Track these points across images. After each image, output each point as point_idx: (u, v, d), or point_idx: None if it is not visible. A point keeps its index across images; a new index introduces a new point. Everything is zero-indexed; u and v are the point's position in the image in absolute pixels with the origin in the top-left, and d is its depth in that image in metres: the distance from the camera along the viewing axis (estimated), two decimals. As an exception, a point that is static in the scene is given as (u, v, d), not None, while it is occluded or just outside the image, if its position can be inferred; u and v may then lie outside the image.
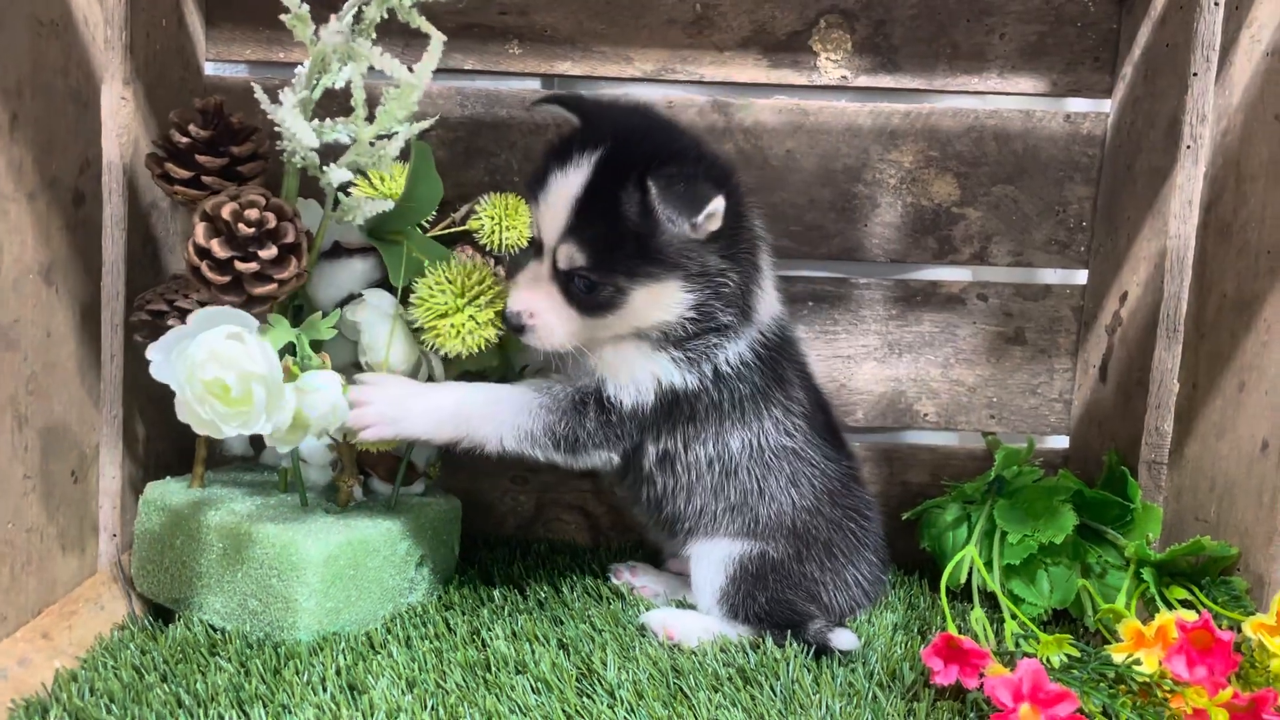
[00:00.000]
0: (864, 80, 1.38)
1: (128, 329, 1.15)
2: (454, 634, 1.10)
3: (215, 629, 1.07)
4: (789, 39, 1.37)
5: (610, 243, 1.03)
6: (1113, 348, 1.34)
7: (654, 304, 1.05)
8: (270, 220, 1.02)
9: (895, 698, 1.00)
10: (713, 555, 1.15)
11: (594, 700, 0.97)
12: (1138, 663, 0.94)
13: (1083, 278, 1.42)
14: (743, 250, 1.09)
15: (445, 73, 1.38)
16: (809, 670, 1.04)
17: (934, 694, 1.00)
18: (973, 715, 0.97)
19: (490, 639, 1.08)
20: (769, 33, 1.36)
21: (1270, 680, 0.95)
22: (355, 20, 0.99)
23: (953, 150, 1.39)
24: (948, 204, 1.40)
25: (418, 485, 1.26)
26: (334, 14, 0.98)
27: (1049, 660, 0.99)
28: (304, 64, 1.01)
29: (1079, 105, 1.41)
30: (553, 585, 1.25)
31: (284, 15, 0.97)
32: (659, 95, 1.38)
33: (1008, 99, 1.40)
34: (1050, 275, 1.46)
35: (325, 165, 1.03)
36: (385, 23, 1.01)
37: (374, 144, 1.02)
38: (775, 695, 0.99)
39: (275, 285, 1.03)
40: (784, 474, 1.14)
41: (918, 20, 1.36)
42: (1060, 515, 1.21)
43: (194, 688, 0.94)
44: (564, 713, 0.94)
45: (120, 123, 1.14)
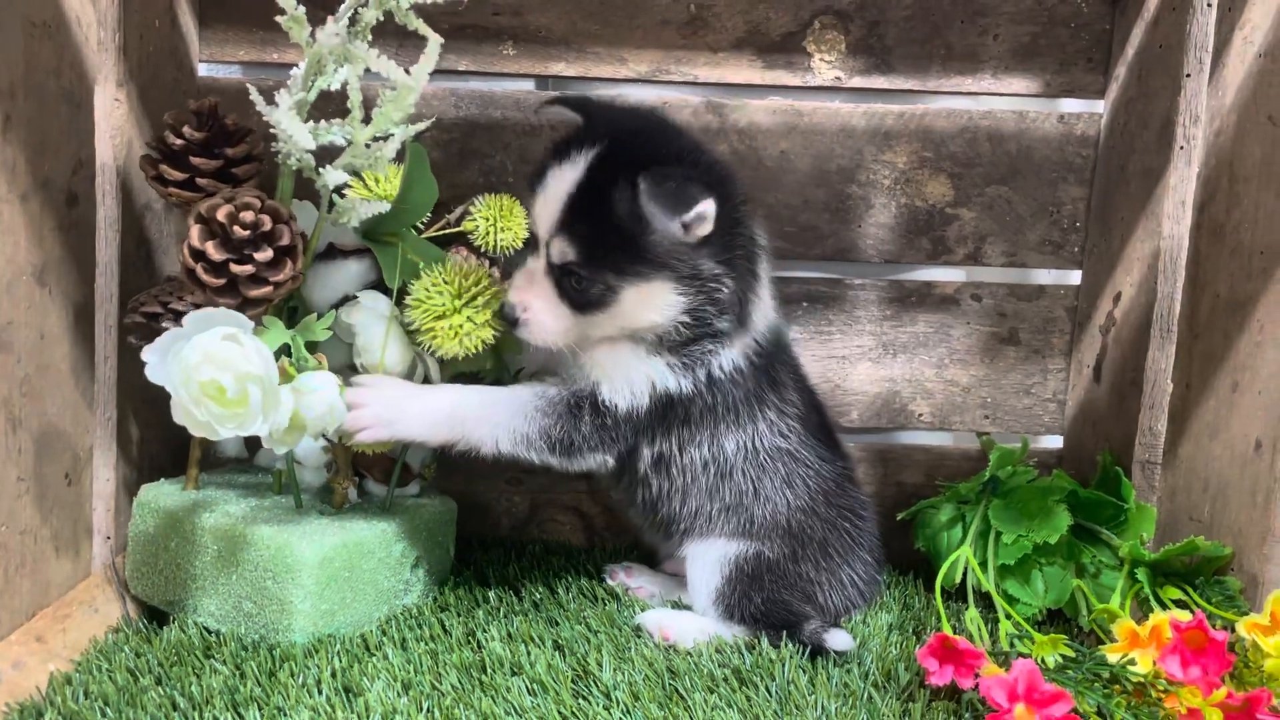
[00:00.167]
0: (858, 81, 1.38)
1: (121, 331, 1.15)
2: (449, 635, 1.10)
3: (210, 631, 1.07)
4: (783, 40, 1.37)
5: (600, 239, 1.03)
6: (1106, 348, 1.35)
7: (644, 305, 1.05)
8: (266, 222, 1.02)
9: (890, 698, 1.00)
10: (708, 556, 1.15)
11: (590, 702, 0.97)
12: (1132, 663, 0.94)
13: (1076, 278, 1.42)
14: (739, 257, 1.09)
15: (439, 74, 1.36)
16: (804, 671, 1.04)
17: (929, 694, 1.00)
18: (968, 715, 0.97)
19: (486, 640, 1.08)
20: (763, 34, 1.37)
21: (1264, 680, 0.95)
22: (351, 22, 0.99)
23: (946, 151, 1.39)
24: (942, 205, 1.40)
25: (412, 487, 1.26)
26: (330, 15, 0.98)
27: (1044, 660, 0.99)
28: (299, 65, 1.01)
29: (1072, 106, 1.41)
30: (548, 586, 1.25)
31: (279, 17, 0.97)
32: (653, 96, 1.38)
33: (1001, 100, 1.40)
34: (1044, 276, 1.47)
35: (321, 167, 1.03)
36: (380, 24, 1.01)
37: (370, 146, 1.02)
38: (771, 696, 0.99)
39: (271, 288, 1.02)
40: (779, 475, 1.14)
41: (911, 21, 1.37)
42: (1055, 515, 1.21)
43: (189, 690, 0.94)
44: (560, 714, 0.94)
45: (114, 124, 1.14)
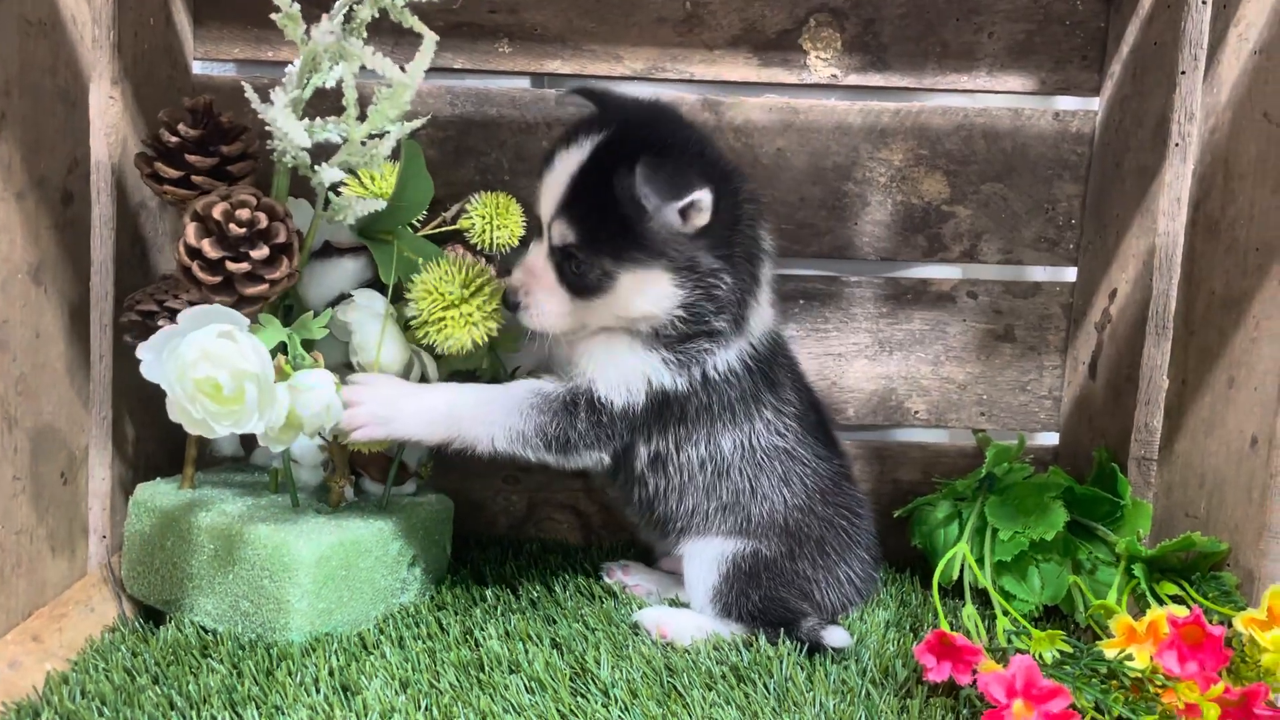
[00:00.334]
0: (854, 79, 1.38)
1: (117, 329, 1.14)
2: (447, 634, 1.09)
3: (207, 630, 1.07)
4: (779, 37, 1.37)
5: (599, 222, 1.04)
6: (1102, 345, 1.35)
7: (641, 293, 1.05)
8: (262, 220, 1.01)
9: (888, 695, 1.00)
10: (705, 554, 1.15)
11: (588, 699, 0.97)
12: (1130, 658, 0.94)
13: (1072, 275, 1.42)
14: (739, 255, 1.09)
15: (435, 71, 1.37)
16: (802, 668, 1.04)
17: (927, 691, 1.00)
18: (965, 712, 0.98)
19: (483, 639, 1.07)
20: (759, 31, 1.37)
21: (1261, 675, 0.95)
22: (346, 20, 0.99)
23: (942, 148, 1.39)
24: (937, 202, 1.40)
25: (409, 485, 1.26)
26: (325, 13, 0.98)
27: (1041, 656, 0.99)
28: (294, 63, 1.00)
29: (1067, 103, 1.42)
30: (545, 584, 1.24)
31: (274, 15, 0.96)
32: (649, 94, 1.37)
33: (997, 97, 1.40)
34: (1039, 273, 1.47)
35: (316, 165, 1.02)
36: (375, 22, 1.01)
37: (365, 143, 1.02)
38: (769, 693, 0.99)
39: (267, 285, 1.02)
40: (776, 473, 1.14)
41: (907, 19, 1.37)
42: (1051, 512, 1.21)
43: (186, 689, 0.94)
44: (558, 712, 0.94)
45: (108, 122, 1.14)
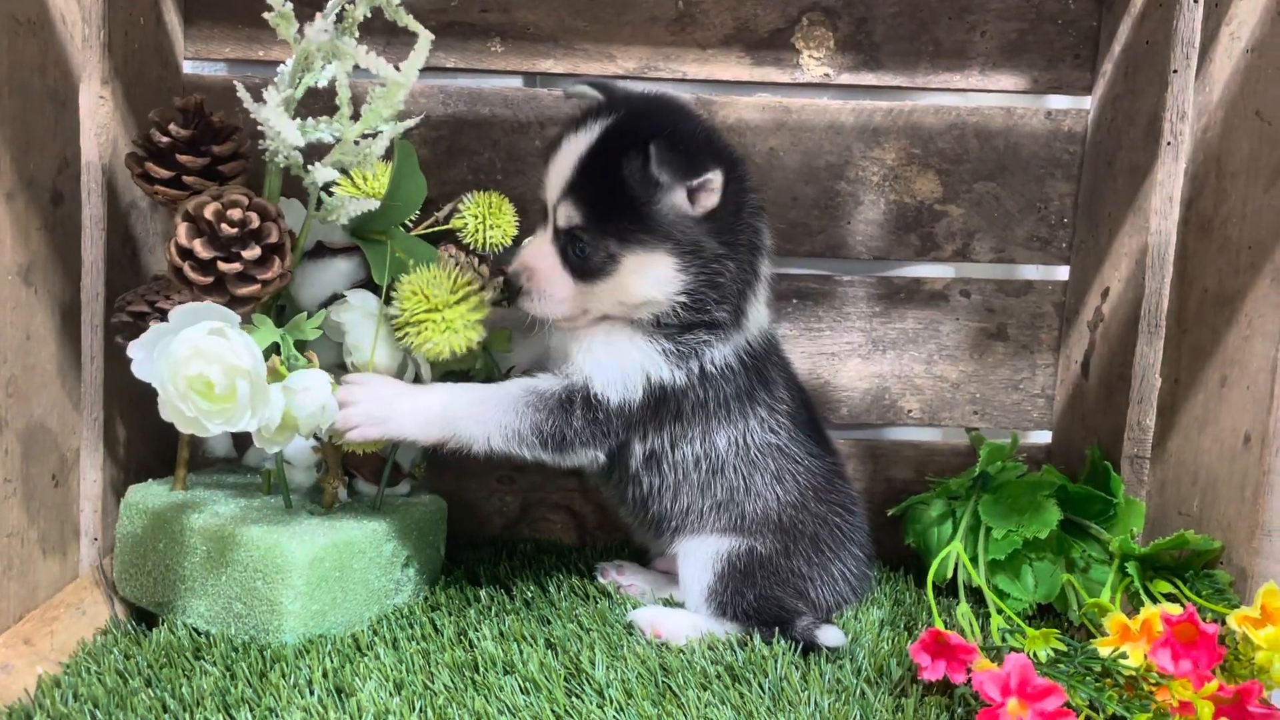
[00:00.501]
0: (846, 78, 1.38)
1: (108, 330, 1.14)
2: (441, 635, 1.09)
3: (199, 633, 1.06)
4: (771, 36, 1.37)
5: (606, 203, 1.04)
6: (1095, 343, 1.35)
7: (644, 276, 1.05)
8: (254, 220, 1.01)
9: (883, 693, 1.00)
10: (700, 553, 1.15)
11: (583, 700, 0.96)
12: (1124, 656, 0.94)
13: (1064, 274, 1.42)
14: (743, 245, 1.09)
15: (427, 71, 1.35)
16: (797, 667, 1.04)
17: (921, 689, 1.00)
18: (960, 710, 0.98)
19: (478, 639, 1.07)
20: (751, 30, 1.36)
21: (1254, 672, 0.96)
22: (338, 19, 0.99)
23: (935, 147, 1.39)
24: (930, 201, 1.40)
25: (403, 486, 1.25)
26: (318, 12, 0.97)
27: (1036, 655, 0.99)
28: (286, 62, 1.00)
29: (1060, 102, 1.42)
30: (539, 585, 1.24)
31: (267, 14, 0.96)
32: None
33: (989, 96, 1.40)
34: (1032, 271, 1.47)
35: (309, 164, 1.02)
36: (367, 21, 1.01)
37: (359, 143, 1.01)
38: (764, 693, 0.99)
39: (259, 286, 1.02)
40: (769, 470, 1.14)
41: (899, 18, 1.37)
42: (1044, 510, 1.21)
43: (179, 692, 0.94)
44: (553, 713, 0.94)
45: (99, 122, 1.13)
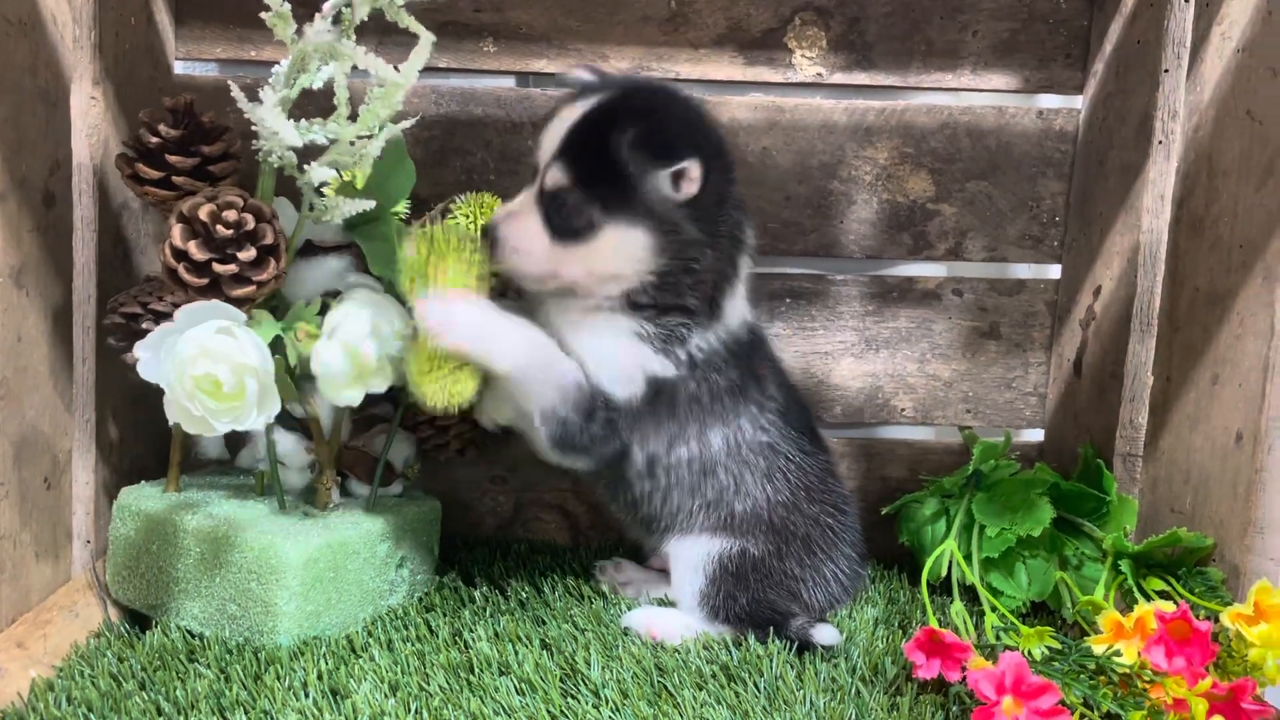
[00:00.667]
0: (839, 77, 1.38)
1: (100, 332, 1.13)
2: (436, 636, 1.09)
3: (193, 635, 1.06)
4: (764, 36, 1.37)
5: (594, 172, 1.04)
6: (1087, 341, 1.36)
7: (619, 249, 1.05)
8: (249, 221, 1.00)
9: (878, 692, 1.00)
10: (691, 556, 1.14)
11: (578, 700, 0.96)
12: (1118, 654, 0.95)
13: (1056, 272, 1.43)
14: (723, 237, 1.09)
15: (420, 71, 1.36)
16: (792, 666, 1.04)
17: (916, 688, 1.00)
18: (955, 708, 0.98)
19: (473, 640, 1.07)
20: (744, 30, 1.36)
21: (1247, 669, 0.96)
22: (335, 19, 0.98)
23: (927, 147, 1.39)
24: (923, 200, 1.40)
25: (396, 486, 1.25)
26: (317, 13, 0.96)
27: (1030, 653, 1.00)
28: (282, 63, 1.00)
29: (1051, 101, 1.42)
30: (534, 585, 1.24)
31: (265, 14, 0.95)
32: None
33: (981, 95, 1.41)
34: (1024, 270, 1.47)
35: (305, 165, 1.01)
36: (361, 21, 1.00)
37: (355, 143, 1.01)
38: (759, 692, 0.99)
39: (254, 287, 1.01)
40: (759, 468, 1.14)
41: (891, 17, 1.37)
42: (1038, 508, 1.21)
43: (174, 695, 0.93)
44: (549, 713, 0.94)
45: (90, 123, 1.12)
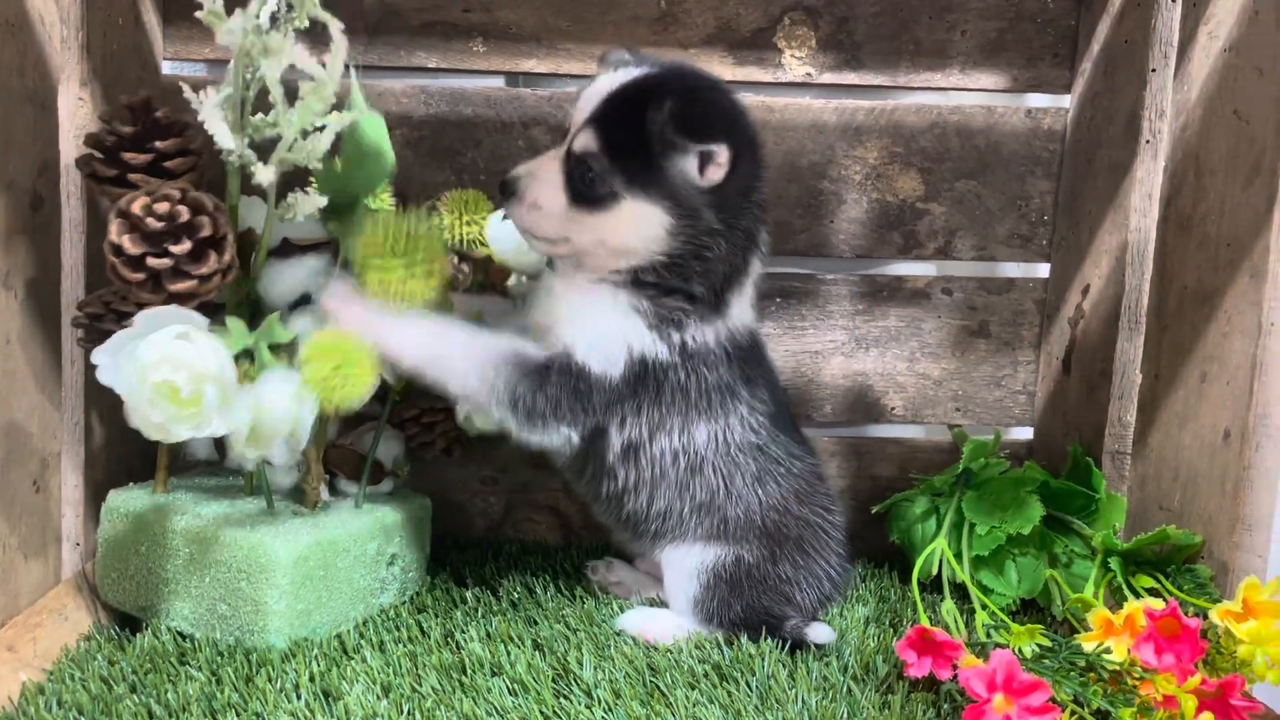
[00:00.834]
0: (828, 77, 1.38)
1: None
2: (428, 637, 1.09)
3: (184, 636, 1.05)
4: (753, 36, 1.37)
5: (624, 142, 1.03)
6: (1075, 340, 1.36)
7: (636, 224, 1.04)
8: (183, 214, 0.98)
9: (870, 690, 1.01)
10: (684, 564, 1.13)
11: (571, 700, 0.96)
12: (1108, 651, 0.95)
13: (1045, 271, 1.43)
14: (740, 231, 1.07)
15: (408, 71, 1.37)
16: (784, 665, 1.04)
17: (908, 686, 1.01)
18: (946, 706, 0.98)
19: (465, 641, 1.07)
20: (734, 30, 1.37)
21: (1236, 666, 0.97)
22: (274, 18, 0.95)
23: (916, 146, 1.40)
24: (912, 199, 1.41)
25: (385, 485, 1.25)
26: (239, 9, 0.93)
27: (1021, 650, 1.00)
28: (230, 63, 0.97)
29: (1039, 101, 1.43)
30: (526, 586, 1.24)
31: (199, 13, 0.93)
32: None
33: (969, 95, 1.41)
34: (1013, 269, 1.48)
35: (257, 164, 0.99)
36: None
37: (305, 139, 0.98)
38: (751, 691, 0.99)
39: (195, 282, 0.99)
40: (750, 471, 1.12)
41: (880, 17, 1.37)
42: (1027, 506, 1.22)
43: (165, 698, 0.93)
44: (541, 714, 0.94)
45: (78, 124, 1.12)
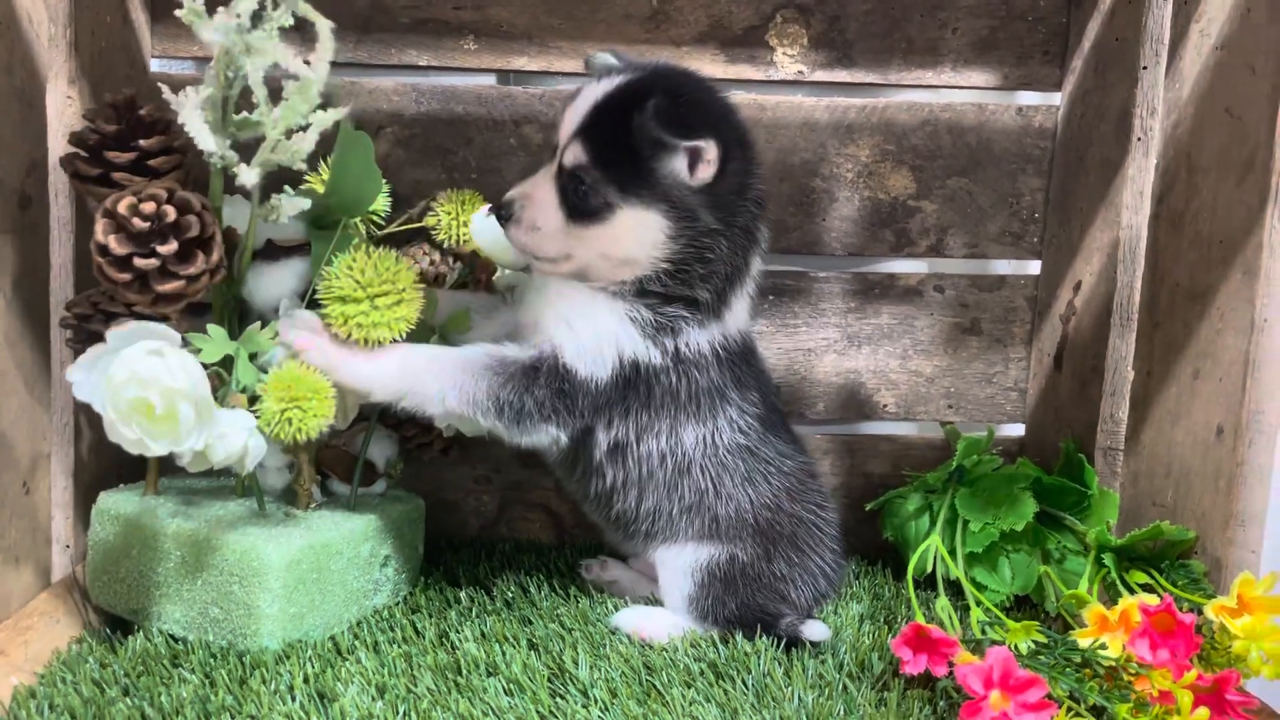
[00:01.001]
0: (820, 75, 1.38)
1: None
2: (422, 637, 1.08)
3: (176, 639, 1.05)
4: (745, 34, 1.37)
5: (613, 151, 1.03)
6: (1067, 336, 1.36)
7: (634, 232, 1.04)
8: (170, 214, 0.97)
9: (866, 688, 1.01)
10: (678, 563, 1.13)
11: (567, 700, 0.96)
12: (1103, 647, 0.95)
13: (1036, 268, 1.44)
14: (739, 229, 1.08)
15: (399, 69, 1.36)
16: (780, 663, 1.04)
17: (903, 683, 1.01)
18: (942, 703, 0.98)
19: (459, 641, 1.07)
20: (725, 28, 1.36)
21: (1231, 661, 0.97)
22: (256, 16, 0.94)
23: (908, 144, 1.40)
24: (904, 197, 1.41)
25: (378, 486, 1.24)
26: (221, 8, 0.93)
27: (1016, 647, 1.00)
28: (211, 62, 0.96)
29: (1030, 98, 1.43)
30: (520, 585, 1.24)
31: (179, 11, 0.92)
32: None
33: (961, 93, 1.41)
34: (1004, 266, 1.48)
35: (240, 164, 0.97)
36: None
37: (289, 139, 0.97)
38: (748, 689, 0.99)
39: (183, 282, 0.98)
40: (739, 472, 1.12)
41: (872, 15, 1.37)
42: (1020, 503, 1.22)
43: (158, 701, 0.92)
44: (538, 714, 0.93)
45: (66, 123, 1.11)
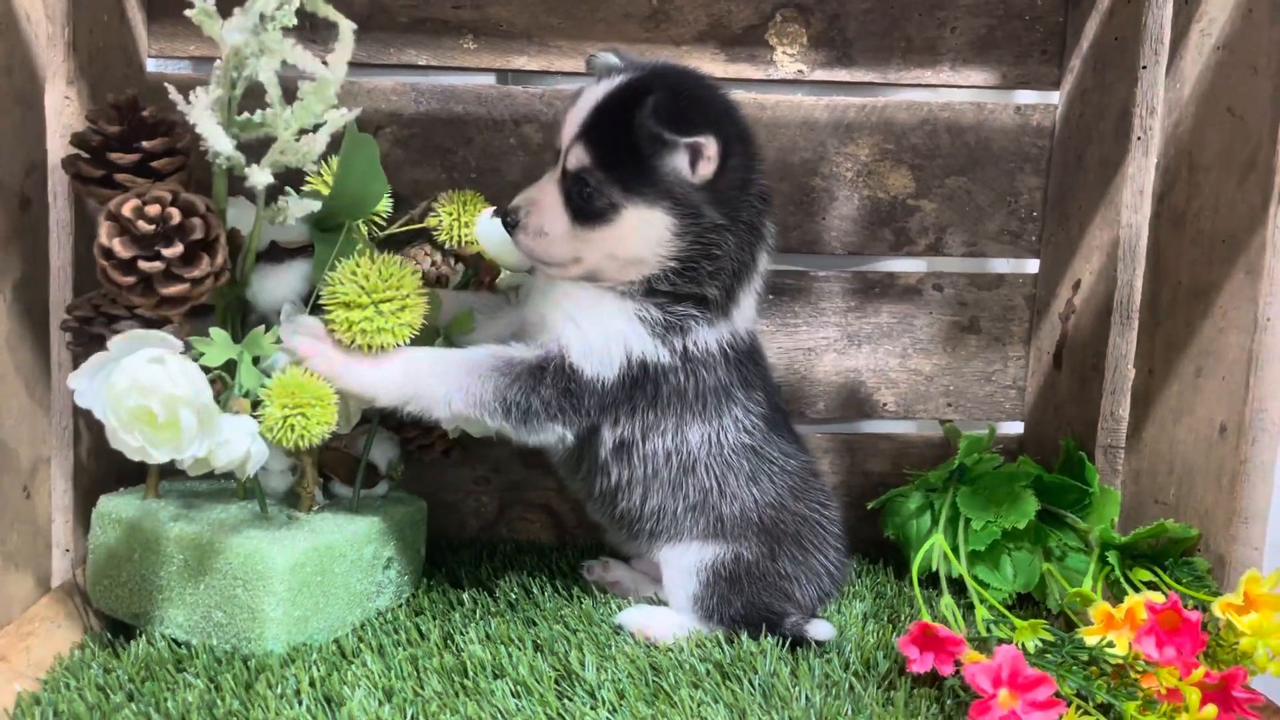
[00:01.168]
0: (820, 74, 1.38)
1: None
2: (427, 640, 1.08)
3: (179, 643, 1.04)
4: (745, 33, 1.37)
5: (615, 151, 1.03)
6: (1067, 334, 1.37)
7: (640, 231, 1.04)
8: (175, 216, 0.96)
9: (872, 687, 1.01)
10: (682, 562, 1.13)
11: (575, 702, 0.96)
12: (1111, 645, 0.96)
13: (1034, 267, 1.44)
14: (744, 225, 1.08)
15: (399, 69, 1.36)
16: (786, 663, 1.04)
17: (910, 682, 1.01)
18: (950, 702, 0.98)
19: (465, 643, 1.06)
20: (725, 27, 1.36)
21: (1238, 658, 0.98)
22: (263, 15, 0.93)
23: (907, 143, 1.40)
24: (903, 196, 1.41)
25: (380, 487, 1.24)
26: (237, 8, 0.92)
27: (1024, 645, 1.00)
28: (218, 61, 0.95)
29: (1028, 97, 1.43)
30: (522, 586, 1.23)
31: (189, 11, 0.91)
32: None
33: (959, 91, 1.41)
34: (1003, 265, 1.49)
35: (250, 165, 0.97)
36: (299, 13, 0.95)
37: (299, 140, 0.97)
38: (755, 689, 0.99)
39: (188, 285, 0.98)
40: (743, 471, 1.12)
41: (871, 14, 1.37)
42: (1022, 501, 1.23)
43: (164, 706, 0.91)
44: (546, 716, 0.93)
45: (64, 123, 1.10)
